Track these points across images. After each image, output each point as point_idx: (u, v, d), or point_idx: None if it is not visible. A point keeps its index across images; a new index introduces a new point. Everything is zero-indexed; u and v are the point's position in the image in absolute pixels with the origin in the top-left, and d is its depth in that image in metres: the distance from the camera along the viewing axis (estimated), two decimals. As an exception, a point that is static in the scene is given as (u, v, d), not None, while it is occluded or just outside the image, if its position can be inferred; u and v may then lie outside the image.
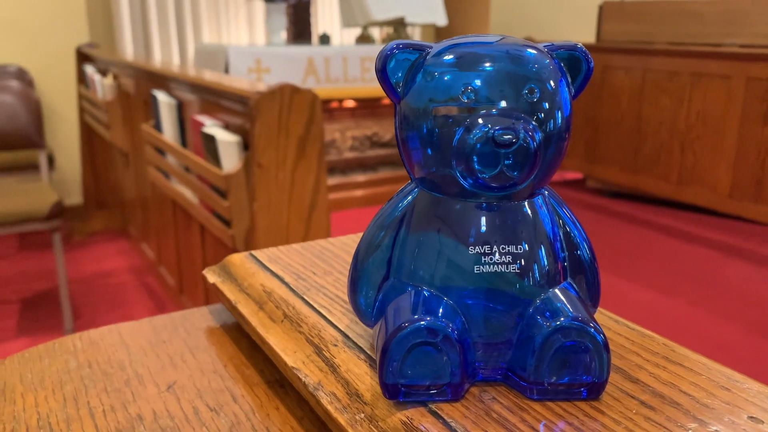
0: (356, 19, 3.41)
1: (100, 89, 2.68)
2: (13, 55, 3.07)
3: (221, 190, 1.65)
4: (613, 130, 3.52)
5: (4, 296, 2.54)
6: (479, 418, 0.33)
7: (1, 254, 2.96)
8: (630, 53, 3.40)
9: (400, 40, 0.36)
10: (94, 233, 3.17)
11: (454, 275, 0.35)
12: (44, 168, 2.57)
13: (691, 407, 0.34)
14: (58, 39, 3.14)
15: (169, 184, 2.11)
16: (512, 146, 0.32)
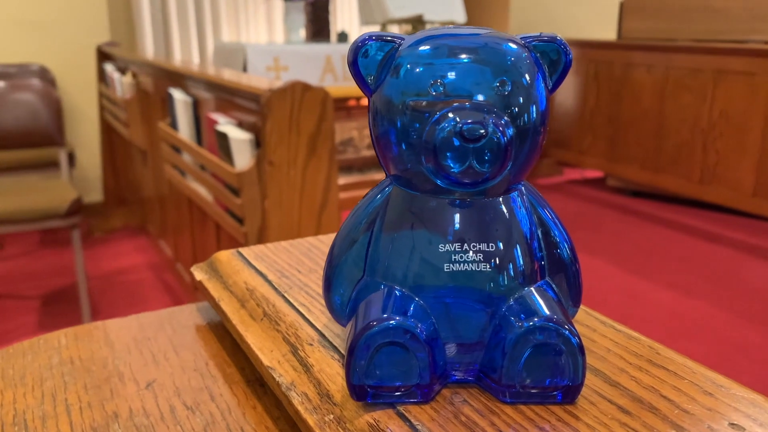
0: (374, 17, 3.40)
1: (119, 87, 2.70)
2: (36, 54, 3.11)
3: (234, 188, 1.66)
4: (634, 128, 3.47)
5: (25, 292, 2.57)
6: (447, 421, 0.32)
7: (22, 251, 3.00)
8: (652, 50, 3.35)
9: (371, 32, 0.35)
10: (113, 230, 3.20)
11: (425, 274, 0.34)
12: (64, 165, 2.59)
13: (670, 413, 0.33)
14: (80, 38, 3.18)
15: (185, 181, 2.12)
16: (481, 140, 0.31)
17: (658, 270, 2.70)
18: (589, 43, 3.72)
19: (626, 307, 2.39)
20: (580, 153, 3.79)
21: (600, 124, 3.65)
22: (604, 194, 3.75)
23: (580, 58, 3.72)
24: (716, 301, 2.40)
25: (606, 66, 3.58)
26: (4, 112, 2.43)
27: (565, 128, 3.88)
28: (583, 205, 3.58)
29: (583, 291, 0.38)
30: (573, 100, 3.81)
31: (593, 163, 3.73)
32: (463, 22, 3.53)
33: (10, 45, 3.07)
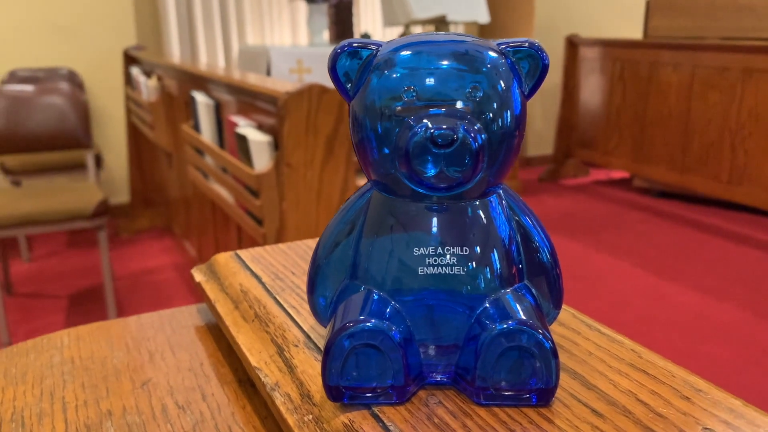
0: (397, 18, 3.41)
1: (145, 90, 2.75)
2: (65, 58, 3.17)
3: (253, 190, 1.67)
4: (660, 128, 3.42)
5: (53, 292, 2.62)
6: (419, 422, 0.33)
7: (51, 251, 3.06)
8: (678, 49, 3.30)
9: (350, 39, 0.36)
10: (140, 231, 3.25)
11: (402, 277, 0.35)
12: (91, 167, 2.64)
13: (644, 417, 0.33)
14: (107, 42, 3.24)
15: (208, 183, 2.14)
16: (452, 145, 0.32)
17: (685, 272, 2.66)
18: (614, 42, 3.69)
19: (650, 309, 2.36)
20: (606, 153, 3.75)
21: (626, 124, 3.61)
22: (630, 195, 3.71)
23: (605, 58, 3.69)
24: (745, 304, 2.36)
25: (632, 65, 3.54)
26: (33, 115, 2.48)
27: (591, 128, 3.85)
28: (609, 206, 3.54)
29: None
30: (599, 100, 3.77)
31: (619, 164, 3.70)
32: (486, 22, 3.52)
33: (40, 49, 3.13)
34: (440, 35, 0.35)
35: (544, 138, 4.34)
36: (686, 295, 2.46)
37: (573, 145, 3.98)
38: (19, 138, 2.47)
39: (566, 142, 3.99)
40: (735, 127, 3.08)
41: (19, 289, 2.64)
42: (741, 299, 2.41)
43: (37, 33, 3.12)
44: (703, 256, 2.84)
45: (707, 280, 2.58)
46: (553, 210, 3.49)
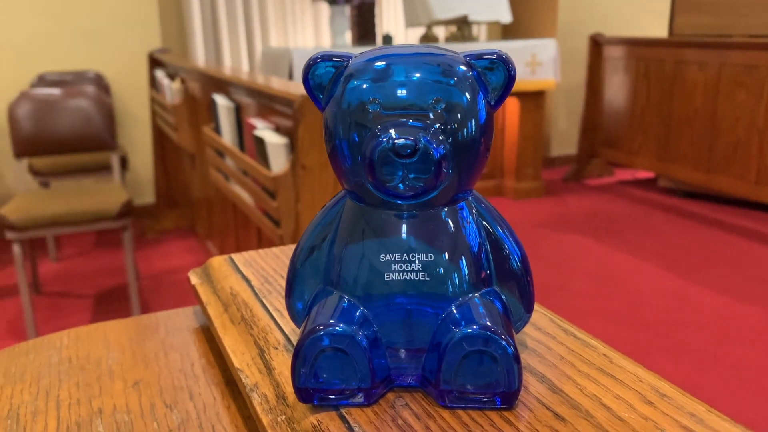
0: (419, 19, 3.42)
1: (169, 93, 2.79)
2: (92, 61, 3.24)
3: (270, 191, 1.70)
4: (686, 127, 3.38)
5: (80, 290, 2.68)
6: (384, 423, 0.34)
7: (78, 251, 3.12)
8: (704, 47, 3.26)
9: (322, 51, 0.37)
10: (165, 231, 3.30)
11: (371, 282, 0.36)
12: (116, 169, 2.69)
13: (605, 421, 0.33)
14: (133, 45, 3.29)
15: (228, 185, 2.17)
16: (413, 155, 0.32)
17: (710, 273, 2.63)
18: (638, 40, 3.65)
19: (673, 310, 2.33)
20: (631, 153, 3.72)
21: (651, 123, 3.57)
22: (655, 195, 3.67)
23: (630, 57, 3.65)
24: (769, 306, 2.33)
25: (657, 64, 3.50)
26: (59, 118, 2.54)
27: (616, 128, 3.81)
28: (633, 206, 3.51)
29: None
30: (623, 99, 3.74)
31: (644, 164, 3.66)
32: (509, 22, 3.51)
33: (68, 53, 3.20)
34: (409, 47, 0.36)
35: (568, 138, 4.31)
36: (711, 297, 2.43)
37: (597, 145, 3.95)
38: (47, 140, 2.53)
39: (590, 142, 3.95)
40: (763, 125, 3.03)
41: (47, 288, 2.70)
42: (767, 301, 2.37)
43: (65, 37, 3.19)
44: (729, 258, 2.80)
45: (733, 282, 2.54)
46: (577, 210, 3.47)
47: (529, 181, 3.64)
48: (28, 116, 2.50)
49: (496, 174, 3.71)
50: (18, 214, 2.21)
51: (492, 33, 4.36)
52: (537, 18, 4.22)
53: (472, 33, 3.60)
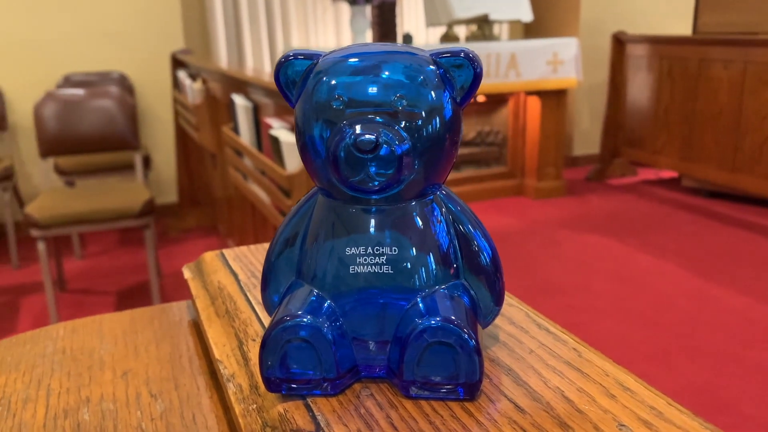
0: (439, 18, 3.42)
1: (190, 93, 2.83)
2: (117, 62, 3.29)
3: (285, 190, 1.71)
4: (710, 126, 3.33)
5: (103, 287, 2.73)
6: (346, 412, 0.35)
7: (103, 249, 3.18)
8: (729, 45, 3.21)
9: (293, 50, 0.38)
10: (187, 230, 3.35)
11: (337, 275, 0.37)
12: (139, 168, 2.74)
13: (564, 413, 0.34)
14: (156, 46, 3.34)
15: (247, 184, 2.20)
16: (375, 151, 0.33)
17: (734, 275, 2.59)
18: (662, 38, 3.61)
19: (696, 311, 2.31)
20: (654, 152, 3.68)
21: (674, 122, 3.53)
22: (678, 195, 3.63)
23: (653, 55, 3.61)
24: (793, 308, 2.29)
25: (680, 62, 3.46)
26: (83, 118, 2.59)
27: (639, 127, 3.77)
28: (657, 206, 3.47)
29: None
30: (646, 98, 3.70)
31: (667, 163, 3.61)
32: (530, 20, 3.49)
33: (94, 54, 3.26)
34: (379, 46, 0.37)
35: (591, 137, 4.27)
36: (734, 298, 2.40)
37: (620, 144, 3.91)
38: (71, 140, 2.58)
39: (613, 141, 3.92)
40: (788, 124, 2.98)
41: (71, 285, 2.76)
42: (790, 303, 2.33)
43: (91, 39, 3.24)
44: (754, 259, 2.76)
45: (757, 284, 2.50)
46: (599, 210, 3.44)
47: (551, 181, 3.62)
48: (53, 116, 2.55)
49: (517, 173, 3.69)
50: (42, 212, 2.26)
51: (514, 32, 4.35)
52: (559, 16, 4.19)
53: (493, 32, 3.59)
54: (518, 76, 3.36)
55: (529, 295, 2.42)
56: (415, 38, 3.92)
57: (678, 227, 3.17)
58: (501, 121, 3.62)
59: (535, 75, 3.39)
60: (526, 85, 3.41)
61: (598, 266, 2.71)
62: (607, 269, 2.68)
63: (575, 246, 2.94)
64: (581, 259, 2.80)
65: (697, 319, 2.26)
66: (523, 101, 3.58)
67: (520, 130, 3.64)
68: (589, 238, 3.02)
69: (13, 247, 2.95)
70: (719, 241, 2.96)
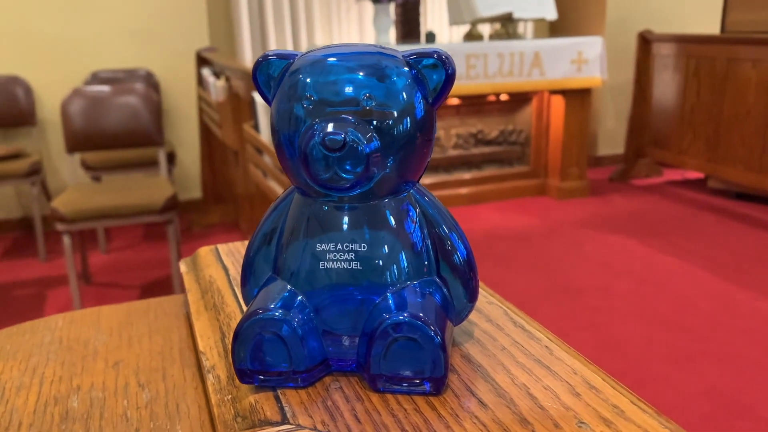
0: (463, 17, 3.41)
1: (214, 91, 2.86)
2: (143, 59, 3.34)
3: (302, 187, 1.73)
4: (737, 126, 3.28)
5: (127, 281, 2.78)
6: (313, 404, 0.36)
7: (127, 243, 3.23)
8: (758, 44, 3.15)
9: (272, 50, 0.39)
10: (211, 225, 3.39)
11: (309, 271, 0.38)
12: (163, 164, 2.78)
13: (526, 410, 0.34)
14: (182, 44, 3.38)
15: (266, 182, 2.22)
16: (342, 149, 0.34)
17: (760, 277, 2.55)
18: (689, 37, 3.56)
19: (719, 315, 2.27)
20: (680, 153, 3.63)
21: (701, 122, 3.48)
22: (704, 196, 3.57)
23: (680, 54, 3.56)
24: (817, 312, 2.25)
25: (707, 61, 3.41)
26: (109, 113, 2.63)
27: (664, 127, 3.73)
28: (681, 207, 3.42)
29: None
30: (672, 97, 3.65)
31: (693, 164, 3.56)
32: (554, 19, 3.47)
33: (121, 51, 3.31)
34: (353, 46, 0.38)
35: (616, 137, 4.23)
36: (759, 302, 2.36)
37: (645, 145, 3.86)
38: (97, 136, 2.63)
39: (638, 141, 3.87)
40: (818, 125, 2.92)
41: (96, 278, 2.81)
42: (815, 307, 2.29)
43: (118, 36, 3.30)
44: (780, 261, 2.71)
45: (782, 287, 2.46)
46: (622, 210, 3.41)
47: (574, 181, 3.59)
48: (80, 112, 2.60)
49: (540, 173, 3.67)
50: (68, 206, 2.31)
51: (539, 30, 4.32)
52: (585, 15, 4.15)
53: (518, 30, 3.57)
54: (542, 74, 3.34)
55: (549, 296, 2.41)
56: (438, 37, 3.92)
57: (703, 229, 3.12)
58: (524, 120, 3.60)
59: (559, 74, 3.36)
60: (550, 84, 3.39)
61: (620, 267, 2.69)
62: (629, 270, 2.65)
63: (597, 247, 2.92)
64: (603, 259, 2.77)
65: (719, 322, 2.23)
66: (547, 100, 3.56)
67: (544, 129, 3.62)
68: (611, 239, 2.99)
69: (41, 241, 3.01)
70: (745, 244, 2.91)
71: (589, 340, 2.10)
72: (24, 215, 3.39)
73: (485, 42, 3.35)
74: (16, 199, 3.37)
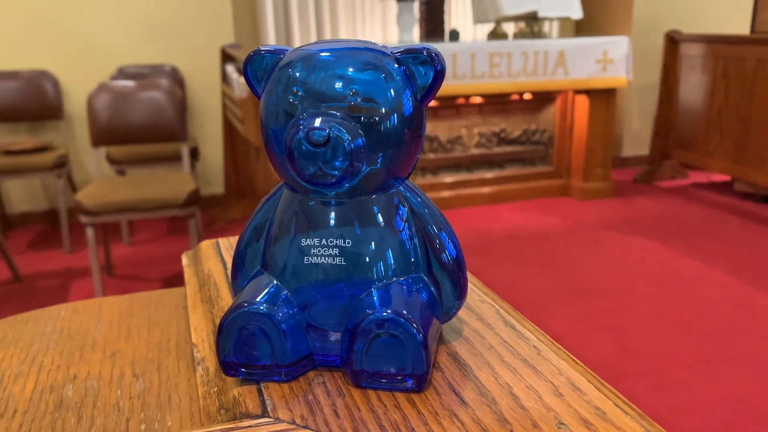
0: (487, 15, 3.39)
1: (237, 87, 2.88)
2: (169, 55, 3.37)
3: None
4: (765, 129, 3.22)
5: (149, 274, 2.81)
6: (294, 398, 0.36)
7: (150, 237, 3.27)
8: (789, 45, 3.10)
9: (262, 46, 0.39)
10: (233, 221, 3.41)
11: (293, 266, 0.38)
12: (186, 159, 2.80)
13: (506, 409, 0.34)
14: (207, 40, 3.41)
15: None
16: (326, 144, 0.34)
17: (785, 283, 2.50)
18: (718, 38, 3.50)
19: (742, 320, 2.24)
20: (706, 155, 3.57)
21: (728, 124, 3.42)
22: (730, 199, 3.51)
23: (708, 55, 3.51)
24: (843, 319, 2.20)
25: (736, 62, 3.35)
26: (134, 108, 2.66)
27: (691, 129, 3.67)
28: (706, 210, 3.37)
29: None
30: (699, 98, 3.59)
31: (720, 166, 3.51)
32: (579, 18, 3.43)
33: (147, 47, 3.35)
34: (342, 42, 0.38)
35: (641, 138, 4.17)
36: (783, 307, 2.32)
37: (671, 146, 3.81)
38: (121, 130, 2.66)
39: (663, 143, 3.82)
40: None
41: (118, 270, 2.84)
42: (842, 314, 2.24)
43: (145, 32, 3.34)
44: (807, 267, 2.66)
45: (807, 293, 2.41)
46: (645, 212, 3.37)
47: (598, 182, 3.55)
48: (105, 107, 2.64)
49: (563, 173, 3.64)
50: (91, 199, 2.34)
51: (564, 29, 4.28)
52: (612, 14, 4.10)
53: (543, 29, 3.54)
54: (566, 74, 3.31)
55: (568, 297, 2.39)
56: (462, 35, 3.90)
57: (728, 232, 3.07)
58: (548, 119, 3.57)
59: (584, 73, 3.33)
60: (575, 83, 3.36)
61: (641, 269, 2.66)
62: (650, 273, 2.62)
63: (619, 248, 2.89)
64: (624, 261, 2.74)
65: (741, 327, 2.19)
66: (571, 100, 3.53)
67: (568, 129, 3.58)
68: (634, 241, 2.96)
69: (66, 233, 3.06)
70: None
71: (607, 342, 2.08)
72: (50, 207, 3.44)
73: (509, 41, 3.33)
74: (43, 191, 3.43)
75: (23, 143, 3.03)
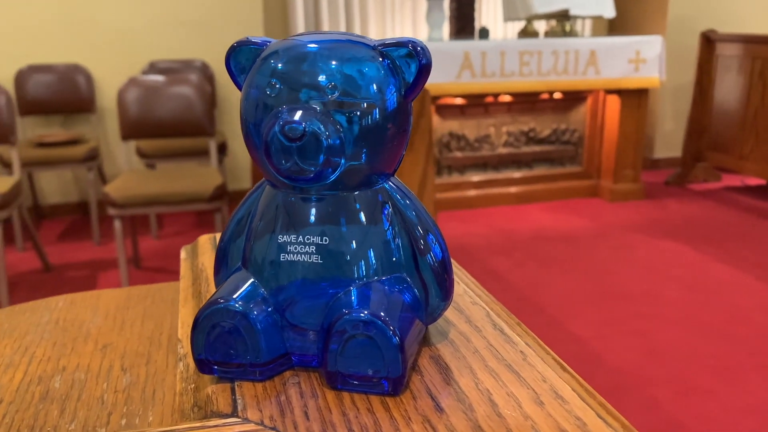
0: (518, 13, 3.35)
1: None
2: (199, 50, 3.40)
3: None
4: (804, 132, 3.13)
5: (175, 267, 2.84)
6: (266, 398, 0.35)
7: (178, 230, 3.30)
8: (830, 46, 3.00)
9: (247, 37, 0.38)
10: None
11: (271, 263, 0.37)
12: (213, 154, 2.82)
13: (482, 417, 0.33)
14: (237, 35, 3.43)
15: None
16: (302, 139, 0.33)
17: (817, 290, 2.43)
18: (755, 38, 3.41)
19: (761, 326, 2.18)
20: (741, 158, 3.49)
21: (764, 126, 3.33)
22: (764, 203, 3.43)
23: (743, 55, 3.42)
24: None
25: (774, 63, 3.26)
26: (163, 103, 2.69)
27: (725, 131, 3.59)
28: (739, 214, 3.29)
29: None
30: (735, 100, 3.51)
31: (755, 170, 3.42)
32: (612, 16, 3.37)
33: (178, 42, 3.38)
34: (325, 34, 0.37)
35: (674, 139, 4.09)
36: (815, 315, 2.25)
37: (704, 148, 3.73)
38: (150, 124, 2.69)
39: (696, 145, 3.74)
40: None
41: (145, 263, 2.88)
42: None
43: (176, 27, 3.37)
44: (844, 275, 2.58)
45: (843, 301, 2.34)
46: (676, 215, 3.30)
47: (628, 183, 3.49)
48: (135, 101, 2.67)
49: (593, 174, 3.59)
50: (119, 192, 2.37)
51: (597, 28, 4.21)
52: (646, 13, 4.03)
53: (575, 28, 3.49)
54: (597, 73, 3.25)
55: (594, 300, 2.35)
56: (493, 33, 3.87)
57: (760, 237, 3.00)
58: (578, 119, 3.52)
59: (615, 73, 3.27)
60: (606, 83, 3.30)
61: (670, 273, 2.60)
62: (679, 277, 2.57)
63: (648, 251, 2.83)
64: (653, 265, 2.69)
65: (771, 335, 2.13)
66: (602, 100, 3.47)
67: (598, 129, 3.53)
68: (663, 244, 2.90)
69: (96, 224, 3.10)
70: (806, 255, 2.78)
71: (632, 346, 2.04)
72: (81, 199, 3.49)
73: (539, 39, 3.29)
74: (74, 183, 3.48)
75: (56, 135, 3.08)
